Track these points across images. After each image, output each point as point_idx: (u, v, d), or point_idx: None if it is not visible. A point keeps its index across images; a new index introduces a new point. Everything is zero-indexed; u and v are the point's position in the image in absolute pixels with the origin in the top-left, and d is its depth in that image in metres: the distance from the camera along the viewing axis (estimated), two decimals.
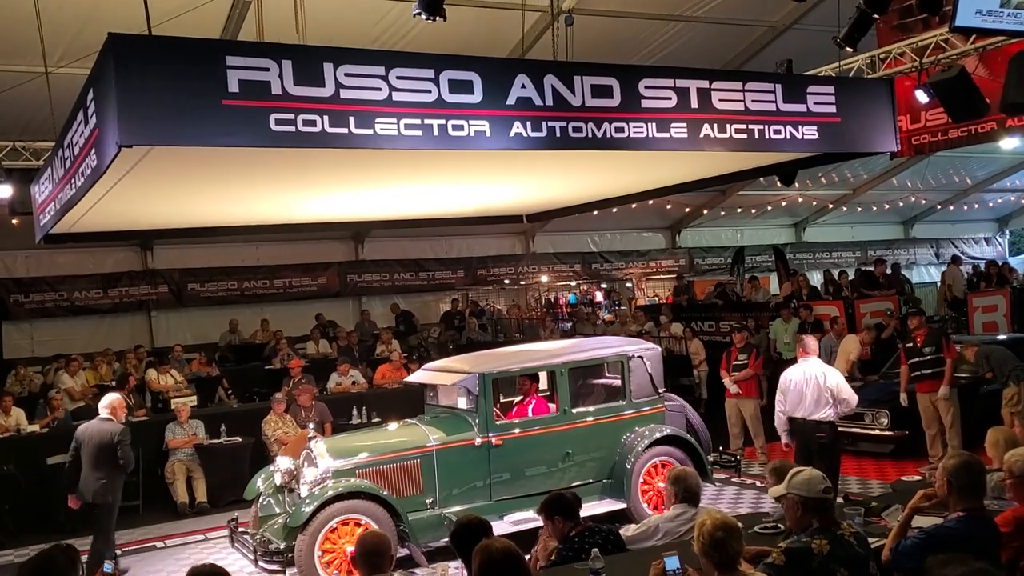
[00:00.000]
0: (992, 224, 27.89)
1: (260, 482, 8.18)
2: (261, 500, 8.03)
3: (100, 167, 5.24)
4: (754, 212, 22.61)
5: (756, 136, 6.80)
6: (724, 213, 22.48)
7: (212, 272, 17.91)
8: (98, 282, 17.00)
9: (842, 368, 10.63)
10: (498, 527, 6.58)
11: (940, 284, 18.68)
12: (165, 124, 4.80)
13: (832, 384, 7.82)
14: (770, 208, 22.57)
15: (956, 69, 9.31)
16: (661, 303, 19.07)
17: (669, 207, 21.19)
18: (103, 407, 7.86)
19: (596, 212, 13.99)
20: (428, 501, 7.73)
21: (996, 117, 10.35)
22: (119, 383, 12.66)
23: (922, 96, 10.02)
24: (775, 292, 18.12)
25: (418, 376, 9.05)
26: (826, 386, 7.81)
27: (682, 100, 6.46)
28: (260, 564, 7.35)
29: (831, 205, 23.71)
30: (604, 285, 23.36)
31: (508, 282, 21.39)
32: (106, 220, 8.26)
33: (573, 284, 22.93)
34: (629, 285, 23.80)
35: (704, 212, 22.22)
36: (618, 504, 8.25)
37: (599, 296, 23.08)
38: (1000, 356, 10.07)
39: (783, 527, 5.04)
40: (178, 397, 11.84)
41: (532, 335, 17.68)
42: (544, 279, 21.87)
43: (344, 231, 18.72)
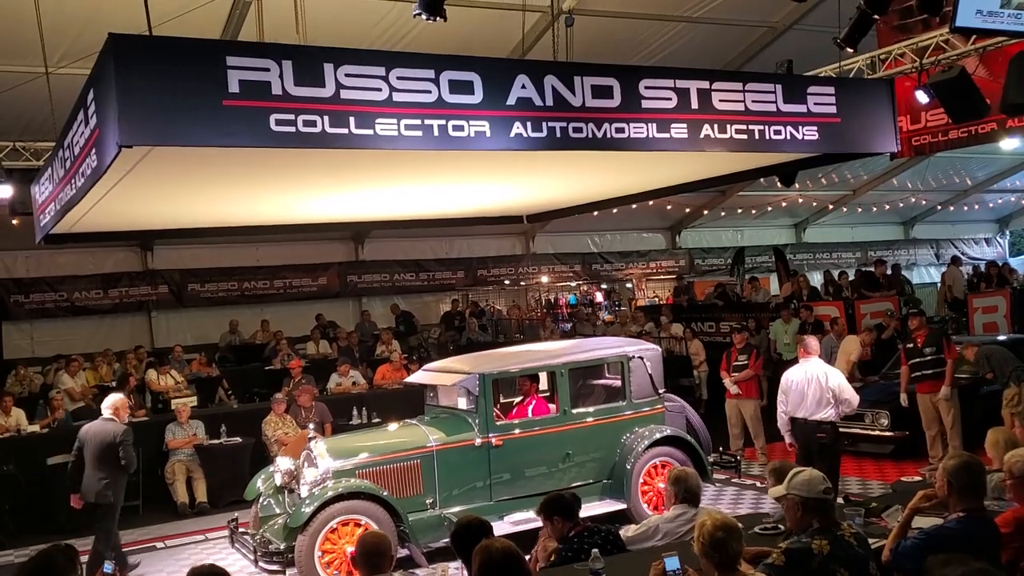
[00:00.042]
0: (992, 225, 27.88)
1: (260, 482, 8.18)
2: (261, 500, 8.04)
3: (100, 167, 5.23)
4: (754, 213, 22.58)
5: (756, 136, 6.79)
6: (724, 214, 22.46)
7: (212, 272, 17.92)
8: (98, 282, 17.01)
9: (842, 369, 10.59)
10: (498, 527, 6.56)
11: (940, 285, 18.62)
12: (165, 124, 4.79)
13: (834, 384, 7.82)
14: (770, 209, 22.55)
15: (956, 70, 9.31)
16: (661, 304, 19.06)
17: (669, 208, 21.18)
18: (106, 407, 7.87)
19: (596, 212, 13.98)
20: (428, 501, 7.73)
21: (996, 118, 10.34)
22: (119, 383, 12.67)
23: (922, 97, 10.01)
24: (775, 293, 18.10)
25: (418, 377, 9.05)
26: (828, 386, 7.81)
27: (682, 100, 6.45)
28: (260, 564, 7.35)
29: (831, 206, 23.69)
30: (604, 286, 23.36)
31: (508, 283, 21.38)
32: (106, 220, 8.25)
33: (573, 285, 22.93)
34: (629, 286, 23.79)
35: (704, 213, 22.20)
36: (618, 504, 8.25)
37: (599, 297, 23.08)
38: (1000, 357, 10.07)
39: (783, 528, 5.04)
40: (178, 397, 11.83)
41: (532, 336, 17.67)
42: (544, 280, 21.87)
43: (344, 231, 18.69)
